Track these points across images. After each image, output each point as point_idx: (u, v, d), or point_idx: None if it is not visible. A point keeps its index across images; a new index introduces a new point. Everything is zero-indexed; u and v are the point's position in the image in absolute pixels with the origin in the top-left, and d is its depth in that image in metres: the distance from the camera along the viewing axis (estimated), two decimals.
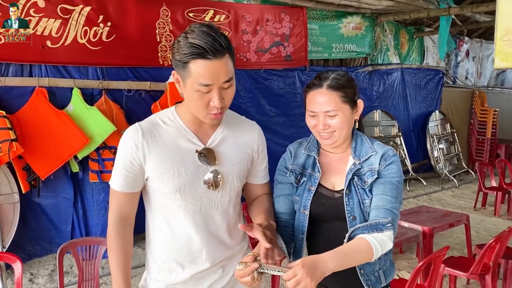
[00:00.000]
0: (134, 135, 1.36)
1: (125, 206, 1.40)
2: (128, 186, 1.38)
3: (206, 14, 4.98)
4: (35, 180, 3.91)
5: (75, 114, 3.99)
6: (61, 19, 3.97)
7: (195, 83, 1.26)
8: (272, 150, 6.29)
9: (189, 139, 1.40)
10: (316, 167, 1.50)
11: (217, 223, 1.46)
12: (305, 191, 1.49)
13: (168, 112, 1.44)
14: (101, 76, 4.27)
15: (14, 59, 3.82)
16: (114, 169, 1.40)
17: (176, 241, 1.43)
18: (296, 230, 1.52)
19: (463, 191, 7.47)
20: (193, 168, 1.39)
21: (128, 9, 4.36)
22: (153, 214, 1.45)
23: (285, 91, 5.96)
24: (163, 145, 1.37)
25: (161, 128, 1.39)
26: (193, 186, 1.39)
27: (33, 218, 4.06)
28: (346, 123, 1.44)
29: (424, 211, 4.23)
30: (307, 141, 1.58)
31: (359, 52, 6.85)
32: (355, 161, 1.46)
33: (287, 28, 5.78)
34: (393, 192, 1.41)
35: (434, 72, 8.43)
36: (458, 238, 4.88)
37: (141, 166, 1.36)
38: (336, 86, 1.42)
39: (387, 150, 1.46)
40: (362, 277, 1.46)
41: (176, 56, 1.28)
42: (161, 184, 1.38)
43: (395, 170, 1.43)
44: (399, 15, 6.78)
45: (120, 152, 1.38)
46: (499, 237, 3.11)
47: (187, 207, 1.40)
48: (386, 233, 1.35)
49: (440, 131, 8.26)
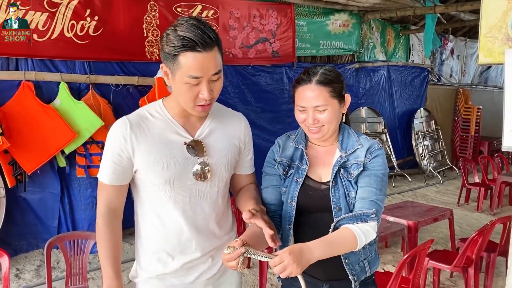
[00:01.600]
0: (122, 128, 1.36)
1: (113, 199, 1.41)
2: (116, 179, 1.39)
3: (194, 9, 4.97)
4: (21, 175, 3.88)
5: (62, 108, 3.96)
6: (48, 13, 3.93)
7: (185, 75, 1.28)
8: (259, 146, 6.32)
9: (177, 132, 1.42)
10: (304, 160, 1.53)
11: (206, 213, 1.48)
12: (293, 182, 1.52)
13: (155, 105, 1.45)
14: (89, 71, 4.24)
15: (1, 52, 3.78)
16: (103, 162, 1.40)
17: (166, 232, 1.45)
18: (284, 220, 1.55)
19: (447, 187, 7.60)
20: (182, 160, 1.40)
21: (115, 3, 4.33)
22: (143, 206, 1.47)
23: (273, 87, 5.99)
24: (151, 138, 1.38)
25: (149, 121, 1.40)
26: (182, 178, 1.41)
27: (19, 213, 4.02)
28: (335, 117, 1.48)
29: (409, 206, 4.30)
30: (295, 134, 1.60)
31: (346, 49, 6.91)
32: (341, 154, 1.50)
33: (274, 25, 5.80)
34: (378, 184, 1.44)
35: (419, 69, 8.55)
36: (442, 233, 4.98)
37: (129, 159, 1.38)
38: (325, 82, 1.45)
39: (372, 144, 1.50)
40: (347, 267, 1.50)
41: (166, 49, 1.29)
42: (150, 176, 1.39)
43: (380, 163, 1.47)
44: (385, 12, 6.86)
45: (108, 145, 1.39)
46: (481, 231, 3.19)
47: (176, 198, 1.42)
48: (370, 224, 1.39)
49: (425, 128, 8.38)
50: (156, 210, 1.44)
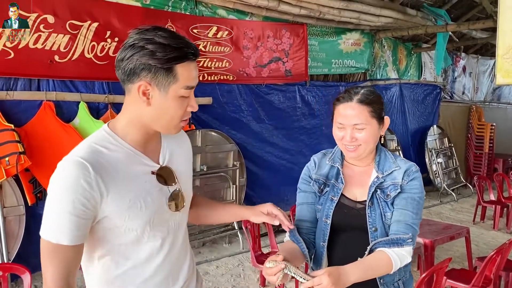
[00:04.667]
0: (83, 172, 1.10)
1: (74, 264, 1.14)
2: (81, 236, 1.13)
3: (210, 30, 5.08)
4: (41, 193, 3.95)
5: (81, 127, 4.05)
6: (69, 35, 4.06)
7: (181, 87, 1.17)
8: (272, 163, 6.36)
9: (142, 162, 1.23)
10: (340, 178, 1.56)
11: (181, 244, 1.36)
12: (328, 200, 1.55)
13: (103, 135, 1.22)
14: (107, 90, 4.35)
15: (23, 73, 3.89)
16: (56, 220, 1.11)
17: (144, 275, 1.26)
18: (318, 238, 1.57)
19: (462, 205, 7.54)
20: (156, 193, 1.24)
21: (135, 25, 4.41)
22: (110, 253, 1.22)
23: (286, 105, 6.05)
24: (119, 177, 1.17)
25: (107, 156, 1.17)
26: (160, 213, 1.25)
27: (38, 230, 4.06)
28: (372, 138, 1.50)
29: (425, 224, 4.28)
30: (331, 152, 1.64)
31: (358, 68, 6.97)
32: (378, 174, 1.52)
33: (287, 44, 5.89)
34: (414, 207, 1.47)
35: (431, 87, 8.56)
36: (458, 251, 4.93)
37: (95, 208, 1.13)
38: (366, 101, 1.48)
39: (410, 166, 1.53)
40: (381, 287, 1.51)
41: (152, 62, 1.13)
42: (125, 221, 1.18)
43: (417, 186, 1.50)
44: (397, 31, 6.93)
45: (64, 197, 1.10)
46: (500, 250, 3.16)
47: (156, 236, 1.25)
48: (406, 248, 1.41)
49: (438, 146, 8.35)
50: (130, 255, 1.23)
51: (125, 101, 1.23)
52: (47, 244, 1.11)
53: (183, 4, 4.86)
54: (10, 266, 2.67)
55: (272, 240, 3.94)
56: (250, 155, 5.55)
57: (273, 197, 5.72)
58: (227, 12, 5.27)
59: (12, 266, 2.63)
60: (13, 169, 3.56)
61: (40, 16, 3.87)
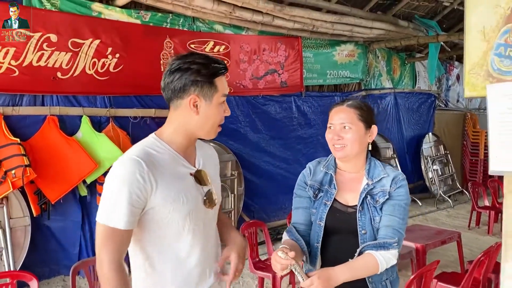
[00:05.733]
0: (138, 168, 1.32)
1: (125, 246, 1.36)
2: (133, 222, 1.35)
3: (207, 45, 5.26)
4: (46, 204, 4.09)
5: (84, 140, 4.21)
6: (71, 52, 4.23)
7: (220, 95, 1.44)
8: (270, 172, 6.50)
9: (183, 164, 1.45)
10: (333, 184, 1.71)
11: (213, 240, 1.56)
12: (322, 205, 1.70)
13: (152, 141, 1.45)
14: (109, 104, 4.51)
15: (28, 90, 4.06)
16: (113, 207, 1.32)
17: (186, 264, 1.45)
18: (312, 239, 1.71)
19: (458, 211, 7.63)
20: (193, 192, 1.45)
21: (134, 41, 4.64)
22: (154, 243, 1.42)
23: (282, 115, 6.21)
24: (166, 174, 1.38)
25: (156, 157, 1.39)
26: (197, 209, 1.45)
27: (43, 241, 4.21)
28: (358, 140, 1.66)
29: (418, 229, 4.40)
30: (325, 160, 1.80)
31: (352, 78, 7.14)
32: (368, 181, 1.67)
33: (282, 57, 6.07)
34: (401, 213, 1.62)
35: (426, 95, 8.72)
36: (452, 256, 5.02)
37: (146, 198, 1.34)
38: (355, 105, 1.69)
39: (397, 174, 1.68)
40: (370, 285, 1.65)
41: (199, 78, 1.39)
42: (170, 213, 1.38)
43: (404, 193, 1.65)
44: (390, 42, 7.12)
45: (120, 187, 1.31)
46: (487, 252, 3.27)
47: (194, 230, 1.44)
48: (392, 251, 1.56)
49: (434, 153, 8.48)
50: (172, 245, 1.43)
51: (171, 114, 1.48)
52: (104, 228, 1.32)
53: (181, 20, 5.04)
54: (17, 274, 2.79)
55: (270, 248, 4.05)
56: (247, 164, 5.68)
57: (271, 205, 5.85)
58: (224, 27, 5.45)
59: (19, 274, 2.75)
60: (19, 182, 3.70)
61: (44, 35, 4.05)
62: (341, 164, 1.75)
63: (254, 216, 5.50)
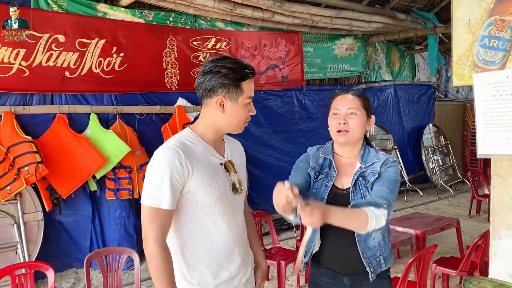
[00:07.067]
0: (177, 155, 1.49)
1: (168, 225, 1.52)
2: (174, 203, 1.51)
3: (209, 42, 5.38)
4: (57, 199, 4.23)
5: (92, 137, 4.34)
6: (78, 52, 4.36)
7: (246, 97, 1.59)
8: (272, 165, 6.64)
9: (214, 155, 1.63)
10: (332, 167, 1.85)
11: (240, 223, 1.72)
12: (322, 186, 1.83)
13: (187, 134, 1.63)
14: (115, 102, 4.64)
15: (38, 89, 4.20)
16: (157, 190, 1.48)
17: (215, 245, 1.61)
18: None
19: (459, 200, 7.74)
20: (223, 179, 1.62)
21: (139, 40, 4.76)
22: (188, 225, 1.58)
23: (284, 109, 6.33)
24: (200, 162, 1.55)
25: (191, 147, 1.57)
26: (226, 194, 1.62)
27: (55, 235, 4.36)
28: (360, 127, 1.80)
29: (417, 217, 4.53)
30: (323, 147, 1.93)
31: (352, 71, 7.25)
32: (361, 165, 1.80)
33: (283, 52, 6.18)
34: (390, 186, 1.72)
35: (425, 87, 8.82)
36: (453, 243, 5.14)
37: (184, 182, 1.51)
38: (358, 94, 1.84)
39: (388, 157, 1.81)
40: (364, 260, 1.76)
41: (227, 81, 1.54)
42: (203, 196, 1.55)
43: (393, 170, 1.77)
44: (389, 35, 7.21)
45: (163, 172, 1.48)
46: (484, 235, 3.39)
47: (224, 213, 1.61)
48: (382, 211, 1.62)
49: (434, 143, 8.58)
50: (204, 226, 1.59)
51: (203, 111, 1.64)
52: (150, 209, 1.48)
53: (183, 18, 5.16)
54: (35, 264, 2.91)
55: (275, 238, 4.17)
56: (251, 158, 5.78)
57: None
58: (225, 24, 5.57)
59: (36, 264, 2.88)
60: (32, 178, 3.85)
61: (52, 36, 4.18)
62: (338, 150, 1.88)
63: (258, 208, 5.60)
